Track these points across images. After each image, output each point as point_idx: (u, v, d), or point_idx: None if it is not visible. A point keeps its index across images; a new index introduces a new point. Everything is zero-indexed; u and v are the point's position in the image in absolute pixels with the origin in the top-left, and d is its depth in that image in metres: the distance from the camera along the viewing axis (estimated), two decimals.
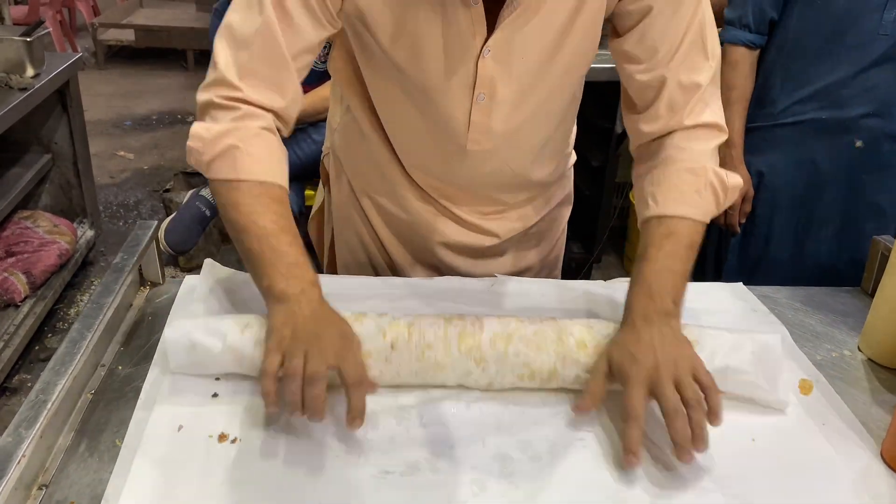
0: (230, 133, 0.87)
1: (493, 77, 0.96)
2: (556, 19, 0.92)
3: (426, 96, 0.99)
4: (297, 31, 0.89)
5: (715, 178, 0.95)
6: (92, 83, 5.19)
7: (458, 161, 1.07)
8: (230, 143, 0.87)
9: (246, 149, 0.87)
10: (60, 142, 2.83)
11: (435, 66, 0.95)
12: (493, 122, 1.01)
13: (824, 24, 1.52)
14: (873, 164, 1.58)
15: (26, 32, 2.51)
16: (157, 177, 4.01)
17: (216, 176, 0.88)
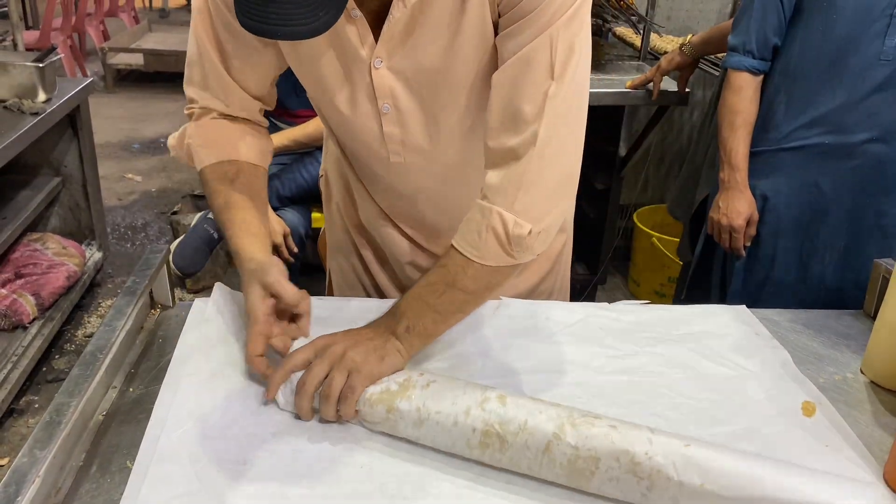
0: (185, 134, 1.06)
1: (391, 87, 0.97)
2: (440, 26, 0.91)
3: (342, 112, 1.02)
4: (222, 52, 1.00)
5: (499, 223, 0.89)
6: (101, 106, 5.25)
7: (393, 175, 1.10)
8: (187, 142, 1.05)
9: (195, 142, 1.04)
10: (70, 165, 2.87)
11: (336, 81, 0.98)
12: (406, 133, 1.02)
13: (826, 50, 1.54)
14: (877, 187, 1.60)
15: (38, 58, 2.55)
16: (165, 199, 4.05)
17: (197, 167, 1.06)
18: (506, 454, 0.79)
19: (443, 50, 0.93)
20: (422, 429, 0.81)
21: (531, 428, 0.78)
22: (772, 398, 0.96)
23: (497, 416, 0.79)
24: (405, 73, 0.96)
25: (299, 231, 2.28)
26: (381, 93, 0.97)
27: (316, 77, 0.99)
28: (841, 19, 1.51)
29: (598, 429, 0.77)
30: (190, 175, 4.39)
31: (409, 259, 1.22)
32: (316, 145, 2.29)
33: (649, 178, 3.07)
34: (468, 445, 0.80)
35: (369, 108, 1.00)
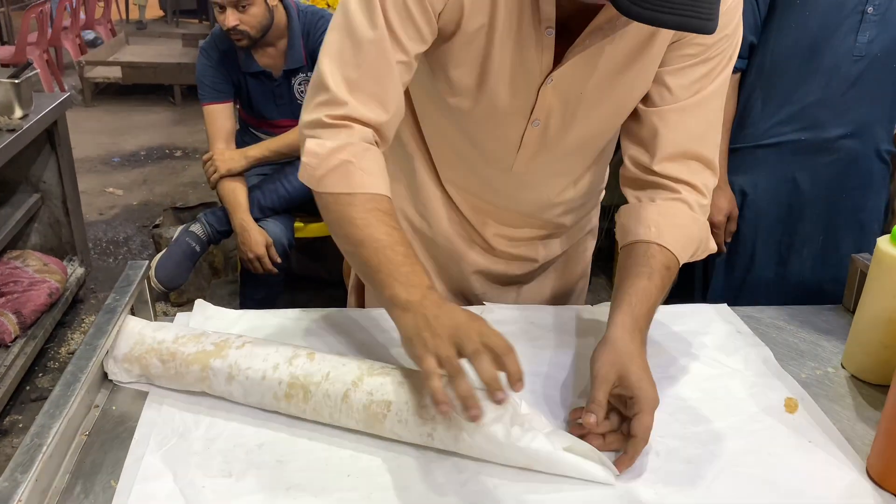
0: (343, 149, 0.91)
1: (550, 105, 1.00)
2: (618, 61, 0.96)
3: (484, 115, 1.02)
4: (402, 48, 0.93)
5: (705, 238, 1.06)
6: (79, 120, 5.21)
7: (501, 182, 1.12)
8: (344, 158, 0.91)
9: (359, 164, 0.91)
10: (49, 180, 2.84)
11: (500, 87, 0.98)
12: (541, 147, 1.05)
13: (800, 47, 1.56)
14: (853, 182, 1.62)
15: (14, 74, 2.52)
16: (147, 212, 4.02)
17: (329, 190, 0.92)
18: (308, 404, 0.85)
19: (609, 82, 0.98)
20: (232, 384, 0.87)
21: (332, 378, 0.85)
22: (754, 395, 0.97)
23: (303, 370, 0.86)
24: (568, 95, 0.99)
25: (282, 241, 2.27)
26: (540, 109, 1.00)
27: (479, 74, 0.97)
28: (814, 16, 1.52)
29: (391, 377, 0.84)
30: (171, 188, 4.37)
31: (476, 268, 1.24)
32: (296, 155, 2.28)
33: None
34: (275, 398, 0.86)
35: (518, 119, 1.02)
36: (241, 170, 2.26)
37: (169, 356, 0.90)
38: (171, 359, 0.90)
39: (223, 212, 2.29)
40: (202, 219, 2.32)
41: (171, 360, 0.89)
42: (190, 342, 0.91)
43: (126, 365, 0.91)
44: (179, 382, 0.90)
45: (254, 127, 2.46)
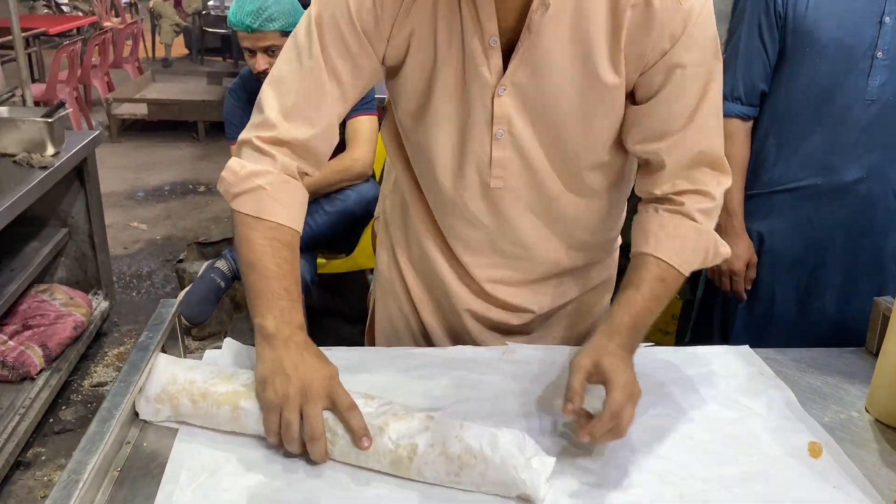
0: (261, 175, 1.00)
1: (509, 114, 1.02)
2: (561, 61, 0.98)
3: (452, 129, 1.06)
4: (338, 79, 1.01)
5: (711, 245, 1.07)
6: (105, 156, 5.31)
7: (484, 202, 1.12)
8: (259, 183, 0.99)
9: (272, 192, 0.99)
10: (77, 216, 2.91)
11: (456, 100, 1.03)
12: (512, 157, 1.07)
13: (812, 93, 1.58)
14: (871, 225, 1.62)
15: (47, 114, 2.61)
16: (170, 247, 4.08)
17: (238, 209, 1.00)
18: (336, 447, 0.87)
19: (560, 85, 1.00)
20: (261, 425, 0.89)
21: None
22: (778, 439, 0.97)
23: (329, 413, 0.89)
24: (525, 102, 1.02)
25: (305, 278, 2.30)
26: (499, 119, 1.03)
27: (428, 99, 1.04)
28: (824, 62, 1.54)
29: (416, 420, 0.87)
30: (194, 223, 4.44)
31: (467, 307, 1.23)
32: (320, 194, 2.33)
33: None
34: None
35: (483, 132, 1.05)
36: None
37: (200, 396, 0.92)
38: (202, 399, 0.92)
39: None
40: (227, 255, 2.36)
41: (202, 401, 0.91)
42: (220, 382, 0.93)
43: (158, 405, 0.93)
44: (210, 422, 0.92)
45: None
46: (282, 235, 0.99)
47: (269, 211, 0.99)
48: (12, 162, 2.51)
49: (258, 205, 0.99)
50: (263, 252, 0.97)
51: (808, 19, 1.54)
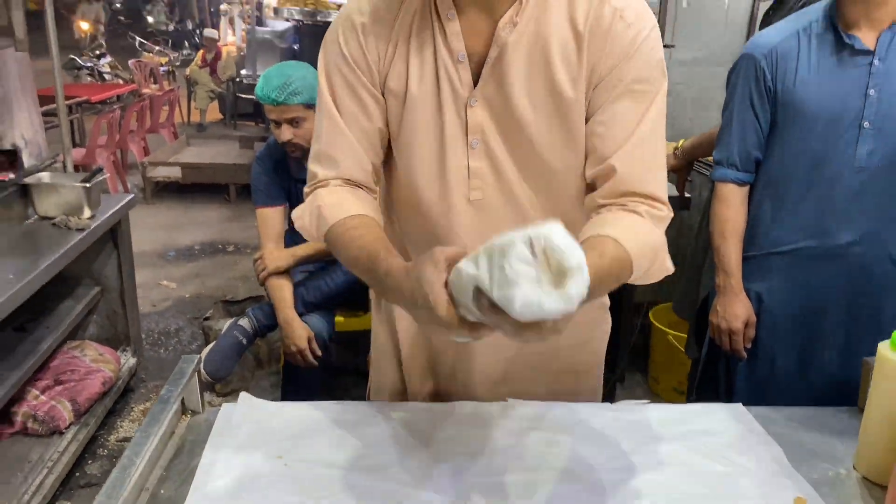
0: (311, 202, 1.15)
1: (482, 124, 1.11)
2: (525, 73, 1.07)
3: (431, 141, 1.14)
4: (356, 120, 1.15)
5: (660, 249, 1.07)
6: (139, 217, 5.49)
7: (464, 218, 1.16)
8: (314, 206, 1.13)
9: (322, 204, 1.12)
10: (109, 274, 3.03)
11: (432, 112, 1.13)
12: (487, 168, 1.13)
13: (803, 160, 1.64)
14: (868, 287, 1.65)
15: (86, 179, 2.76)
16: (198, 305, 4.20)
17: (322, 236, 1.14)
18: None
19: (528, 97, 1.09)
20: None
21: None
22: (764, 494, 1.01)
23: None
24: (496, 112, 1.11)
25: (323, 335, 2.38)
26: (473, 129, 1.12)
27: (407, 115, 1.14)
28: (813, 131, 1.61)
29: None
30: (222, 281, 4.57)
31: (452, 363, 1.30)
32: None
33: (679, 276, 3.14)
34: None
35: (459, 143, 1.13)
36: (287, 268, 2.40)
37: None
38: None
39: (270, 307, 2.42)
40: (250, 313, 2.45)
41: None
42: None
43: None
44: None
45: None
46: (349, 224, 1.09)
47: (330, 216, 1.10)
48: (51, 224, 2.66)
49: (323, 219, 1.11)
50: (346, 246, 1.08)
51: (796, 93, 1.61)
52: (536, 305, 0.77)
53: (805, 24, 1.64)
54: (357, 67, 1.13)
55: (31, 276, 2.22)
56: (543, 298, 0.77)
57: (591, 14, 1.06)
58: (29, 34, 3.02)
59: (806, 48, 1.62)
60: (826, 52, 1.61)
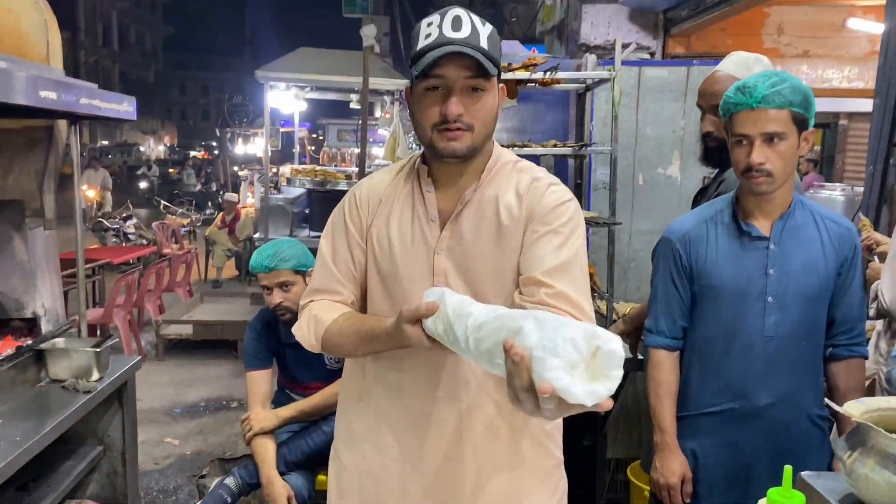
0: (306, 312, 1.53)
1: (445, 269, 1.45)
2: (480, 228, 1.45)
3: (399, 285, 1.48)
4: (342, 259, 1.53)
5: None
6: (150, 374, 5.73)
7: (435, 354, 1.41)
8: (311, 315, 1.51)
9: (316, 312, 1.50)
10: (113, 434, 3.18)
11: (405, 259, 1.47)
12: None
13: (719, 329, 1.85)
14: (789, 445, 1.80)
15: (97, 343, 3.00)
16: (198, 462, 4.31)
17: (319, 339, 1.50)
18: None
19: (482, 252, 1.44)
20: None
21: None
22: None
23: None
24: (456, 260, 1.44)
25: (303, 494, 2.52)
26: (438, 272, 1.44)
27: (391, 261, 1.48)
28: (725, 305, 1.83)
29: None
30: (224, 438, 4.70)
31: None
32: (320, 415, 2.61)
33: (642, 434, 3.27)
34: None
35: (425, 284, 1.43)
36: (272, 428, 2.58)
37: None
38: None
39: (255, 466, 2.57)
40: (235, 472, 2.60)
41: None
42: None
43: None
44: None
45: (288, 389, 2.82)
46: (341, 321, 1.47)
47: (326, 318, 1.48)
48: (61, 387, 2.87)
49: (320, 323, 1.48)
50: (346, 335, 1.45)
51: (708, 272, 1.86)
52: (564, 382, 0.95)
53: (712, 213, 1.91)
54: (352, 224, 1.52)
55: (37, 437, 2.39)
56: (575, 383, 0.96)
57: (530, 184, 1.47)
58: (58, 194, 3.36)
59: (714, 234, 1.88)
60: (730, 238, 1.86)
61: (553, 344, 0.98)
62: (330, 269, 1.53)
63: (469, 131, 1.39)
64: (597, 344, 0.99)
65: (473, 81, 1.38)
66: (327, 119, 14.33)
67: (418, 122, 1.43)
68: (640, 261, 3.46)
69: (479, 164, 1.48)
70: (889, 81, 3.29)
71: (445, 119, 1.37)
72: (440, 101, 1.38)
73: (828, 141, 10.18)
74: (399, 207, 1.50)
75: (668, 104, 3.67)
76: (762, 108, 1.72)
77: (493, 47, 1.40)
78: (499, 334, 1.07)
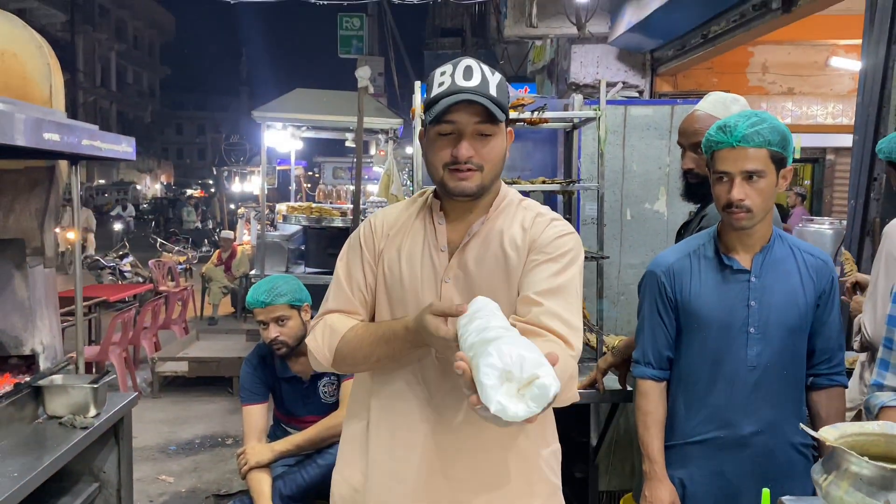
0: (321, 324, 1.60)
1: (451, 297, 1.52)
2: (487, 261, 1.53)
3: (407, 311, 1.53)
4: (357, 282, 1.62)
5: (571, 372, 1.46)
6: (145, 411, 5.72)
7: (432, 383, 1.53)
8: (326, 325, 1.59)
9: (332, 322, 1.58)
10: (108, 470, 3.19)
11: (414, 286, 1.55)
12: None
13: (704, 360, 1.90)
14: (774, 473, 1.84)
15: (94, 380, 3.03)
16: (193, 499, 4.31)
17: (333, 350, 1.56)
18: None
19: (489, 281, 1.52)
20: None
21: None
22: None
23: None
24: (463, 290, 1.51)
25: None
26: (444, 299, 1.51)
27: (400, 287, 1.56)
28: (709, 336, 1.89)
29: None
30: (219, 475, 4.69)
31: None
32: (315, 448, 2.64)
33: (634, 465, 3.30)
34: None
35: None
36: (267, 462, 2.61)
37: None
38: None
39: (250, 500, 2.60)
40: None
41: None
42: None
43: None
44: None
45: (284, 423, 2.85)
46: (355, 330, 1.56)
47: (341, 329, 1.56)
48: (59, 424, 2.89)
49: (335, 332, 1.56)
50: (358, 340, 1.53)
51: (693, 304, 1.92)
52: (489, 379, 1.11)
53: (695, 247, 1.98)
54: (367, 248, 1.61)
55: (33, 473, 2.41)
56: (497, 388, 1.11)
57: (534, 219, 1.57)
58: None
59: (697, 267, 1.95)
60: (713, 271, 1.93)
61: (506, 350, 1.12)
62: (344, 290, 1.61)
63: (479, 171, 1.51)
64: (537, 373, 1.10)
65: (483, 127, 1.49)
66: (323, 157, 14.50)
67: (430, 163, 1.54)
68: (629, 294, 3.53)
69: (488, 200, 1.58)
70: (867, 118, 3.41)
71: (456, 160, 1.49)
72: (452, 144, 1.50)
73: (816, 175, 10.35)
74: (411, 236, 1.59)
75: (653, 141, 3.77)
76: (742, 146, 1.80)
77: (502, 94, 1.51)
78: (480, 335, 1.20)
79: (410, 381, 1.56)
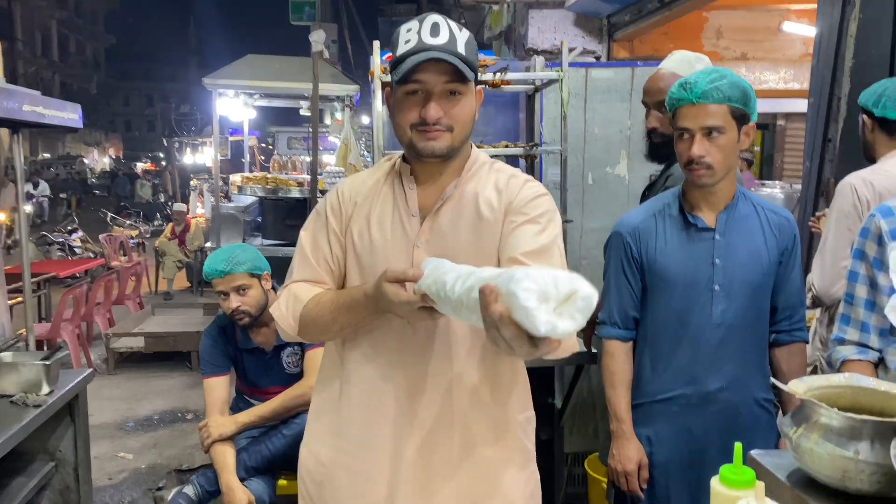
0: (285, 293, 1.56)
1: (424, 260, 1.44)
2: (459, 224, 1.50)
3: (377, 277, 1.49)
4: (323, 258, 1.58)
5: None
6: (101, 388, 5.60)
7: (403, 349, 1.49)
8: (290, 293, 1.55)
9: (296, 291, 1.54)
10: (65, 449, 3.11)
11: (385, 252, 1.51)
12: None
13: (670, 318, 1.91)
14: (739, 428, 1.87)
15: (46, 357, 2.93)
16: (153, 475, 4.23)
17: (297, 318, 1.52)
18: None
19: (460, 245, 1.48)
20: None
21: None
22: None
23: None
24: (436, 253, 1.45)
25: (264, 499, 2.50)
26: (416, 264, 1.45)
27: (371, 253, 1.52)
28: (675, 294, 1.90)
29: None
30: (179, 451, 4.62)
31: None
32: (280, 419, 2.60)
33: (598, 427, 3.34)
34: None
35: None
36: (231, 434, 2.56)
37: None
38: None
39: (214, 473, 2.55)
40: (194, 480, 2.57)
41: None
42: None
43: None
44: None
45: (247, 395, 2.80)
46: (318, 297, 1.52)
47: (305, 296, 1.52)
48: (9, 402, 2.79)
49: (299, 300, 1.52)
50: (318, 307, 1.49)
51: (658, 262, 1.92)
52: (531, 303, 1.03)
53: (660, 206, 1.98)
54: (333, 218, 1.56)
55: None
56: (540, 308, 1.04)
57: (508, 180, 1.53)
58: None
59: (662, 226, 1.94)
60: (678, 230, 1.93)
61: (534, 274, 1.06)
62: (309, 260, 1.57)
63: (448, 132, 1.46)
64: (575, 287, 1.05)
65: (452, 86, 1.44)
66: (277, 127, 14.21)
67: (397, 124, 1.49)
68: (591, 258, 3.53)
69: (459, 163, 1.54)
70: (822, 81, 3.44)
71: (425, 122, 1.43)
72: (420, 104, 1.44)
73: (766, 141, 10.52)
74: (380, 203, 1.55)
75: (614, 105, 3.76)
76: (702, 103, 1.79)
77: (471, 52, 1.45)
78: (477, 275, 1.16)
79: (379, 346, 1.52)
